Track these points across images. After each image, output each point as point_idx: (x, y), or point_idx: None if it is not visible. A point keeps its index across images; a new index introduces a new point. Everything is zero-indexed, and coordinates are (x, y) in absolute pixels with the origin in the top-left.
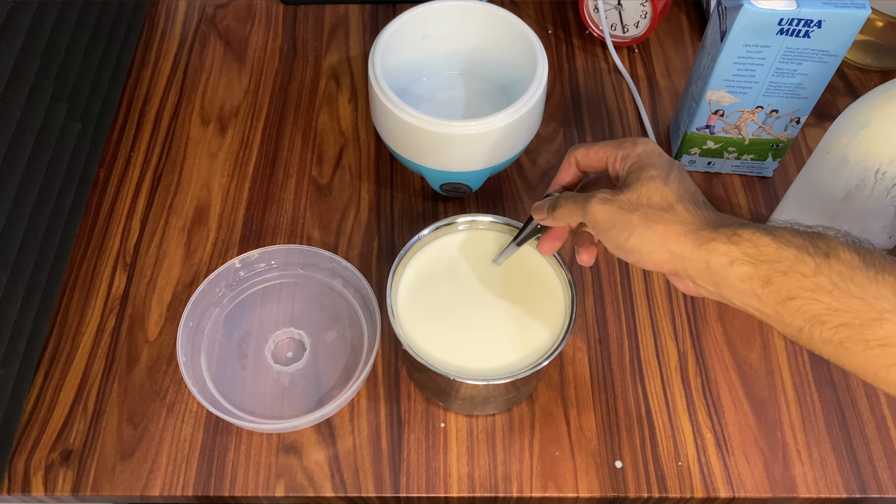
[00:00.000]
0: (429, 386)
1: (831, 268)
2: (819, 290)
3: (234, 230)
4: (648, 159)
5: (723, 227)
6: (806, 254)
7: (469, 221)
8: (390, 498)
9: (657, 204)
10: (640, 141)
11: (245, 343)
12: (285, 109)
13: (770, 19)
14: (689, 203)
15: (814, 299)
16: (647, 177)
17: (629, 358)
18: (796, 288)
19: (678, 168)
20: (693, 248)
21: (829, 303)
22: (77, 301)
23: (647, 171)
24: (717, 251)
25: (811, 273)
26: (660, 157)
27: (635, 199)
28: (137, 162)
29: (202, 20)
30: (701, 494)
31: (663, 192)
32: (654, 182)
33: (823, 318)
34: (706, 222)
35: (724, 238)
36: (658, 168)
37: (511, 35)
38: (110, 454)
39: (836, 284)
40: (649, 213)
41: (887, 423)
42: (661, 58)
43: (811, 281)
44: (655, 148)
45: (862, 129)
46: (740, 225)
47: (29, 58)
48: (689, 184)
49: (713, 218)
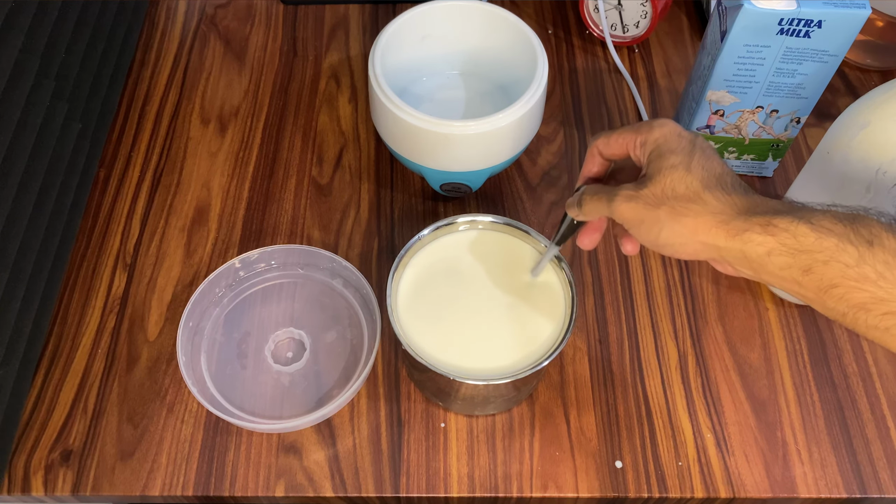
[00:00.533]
0: (429, 386)
1: (875, 256)
2: (863, 280)
3: (234, 230)
4: (667, 144)
5: (756, 214)
6: (847, 242)
7: (469, 221)
8: (390, 498)
9: (683, 195)
10: (656, 123)
11: (245, 343)
12: (285, 109)
13: (770, 19)
14: (716, 189)
15: (857, 288)
16: (669, 166)
17: (629, 358)
18: (839, 277)
19: (700, 147)
20: (726, 238)
21: (875, 292)
22: (77, 301)
23: (667, 158)
24: (752, 241)
25: (854, 263)
26: (679, 138)
27: (660, 193)
28: (137, 162)
29: (202, 20)
30: (701, 494)
31: (687, 181)
32: (677, 171)
33: (869, 307)
34: (738, 209)
35: (758, 228)
36: (678, 153)
37: (511, 35)
38: (110, 454)
39: (880, 274)
40: (676, 206)
41: (887, 423)
42: (661, 58)
43: (854, 271)
44: (674, 128)
45: (862, 129)
46: (775, 212)
47: (29, 58)
48: (714, 164)
49: (744, 203)
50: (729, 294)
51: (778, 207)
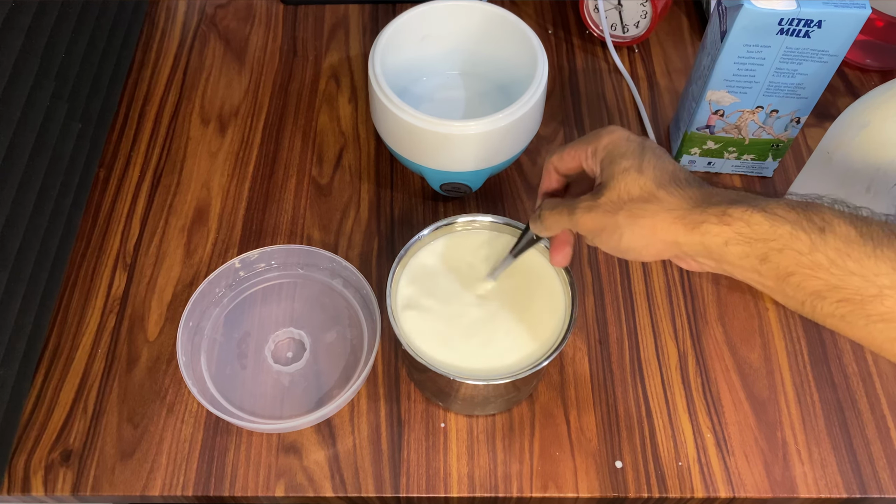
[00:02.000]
0: (429, 386)
1: (827, 244)
2: (817, 267)
3: (234, 230)
4: (617, 149)
5: (711, 205)
6: (800, 230)
7: (469, 221)
8: (390, 498)
9: (638, 196)
10: (605, 131)
11: (245, 343)
12: (285, 109)
13: (770, 19)
14: (670, 185)
15: (812, 276)
16: (621, 170)
17: (629, 358)
18: (794, 265)
19: (650, 148)
20: (685, 232)
21: (828, 279)
22: (77, 301)
23: (618, 163)
24: (709, 233)
25: (807, 250)
26: (628, 142)
27: (615, 198)
28: (137, 162)
29: (202, 20)
30: (701, 494)
31: (640, 182)
32: (629, 174)
33: (824, 294)
34: (693, 202)
35: (714, 219)
36: (629, 157)
37: (511, 35)
38: (110, 454)
39: (832, 261)
40: (633, 208)
41: (887, 423)
42: (661, 58)
43: (808, 258)
44: (622, 133)
45: (862, 129)
46: (730, 202)
47: (29, 58)
48: (665, 163)
49: (700, 195)
50: (729, 294)
51: (733, 197)
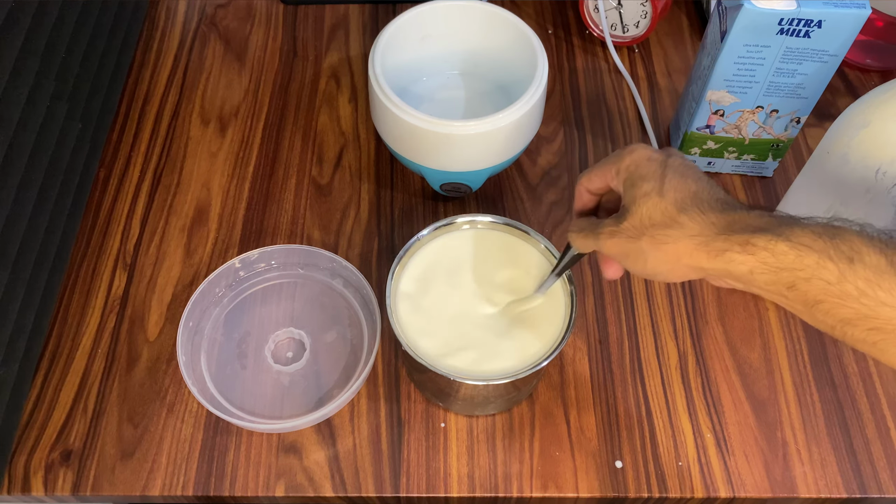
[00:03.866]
0: (429, 386)
1: (856, 274)
2: (846, 297)
3: (234, 230)
4: (638, 171)
5: (734, 232)
6: (827, 259)
7: (469, 221)
8: (390, 498)
9: (660, 222)
10: (626, 151)
11: (245, 343)
12: (285, 109)
13: (770, 19)
14: (692, 209)
15: (842, 304)
16: (642, 194)
17: (629, 358)
18: (822, 294)
19: (671, 168)
20: (708, 260)
21: (858, 309)
22: (77, 301)
23: (639, 186)
24: (733, 261)
25: (835, 280)
26: (649, 162)
27: (638, 223)
28: (137, 162)
29: (202, 20)
30: (701, 494)
31: (662, 206)
32: (651, 198)
33: (855, 322)
34: (716, 229)
35: (738, 248)
36: (649, 179)
37: (511, 35)
38: (110, 454)
39: (862, 292)
40: (656, 234)
41: (887, 423)
42: (661, 58)
43: (836, 288)
44: (643, 153)
45: (862, 129)
46: (754, 230)
47: (29, 58)
48: (688, 183)
49: (722, 221)
50: (729, 294)
51: (757, 224)
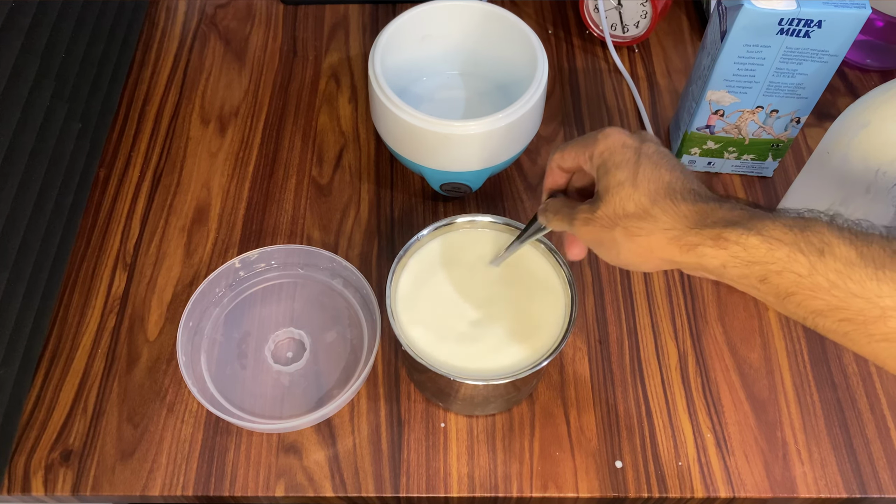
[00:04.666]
0: (429, 386)
1: (827, 266)
2: (817, 289)
3: (234, 230)
4: (612, 158)
5: (706, 226)
6: (798, 252)
7: (469, 221)
8: (390, 498)
9: (633, 213)
10: (601, 135)
11: (245, 343)
12: (285, 109)
13: (770, 19)
14: (664, 201)
15: (813, 296)
16: (616, 183)
17: (629, 358)
18: (793, 286)
19: (646, 156)
20: (681, 254)
21: (829, 300)
22: (77, 301)
23: (613, 174)
24: (705, 256)
25: (806, 273)
26: (623, 149)
27: (611, 213)
28: (137, 162)
29: (202, 20)
30: (701, 494)
31: (635, 197)
32: (624, 188)
33: (826, 314)
34: (688, 222)
35: (710, 242)
36: (623, 167)
37: (511, 35)
38: (110, 454)
39: (833, 283)
40: (629, 226)
41: (887, 423)
42: (661, 58)
43: (807, 280)
44: (618, 138)
45: (862, 129)
46: (725, 223)
47: (29, 58)
48: (661, 172)
49: (694, 214)
50: (729, 294)
51: (728, 217)
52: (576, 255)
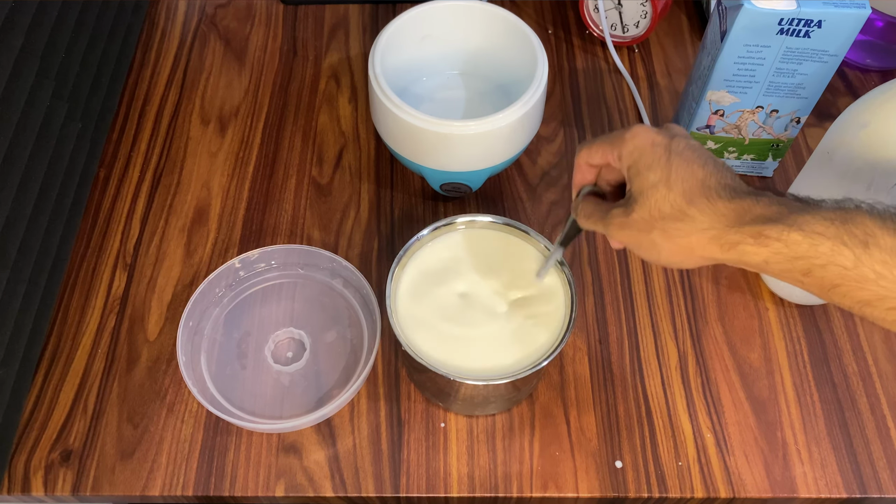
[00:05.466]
0: (429, 386)
1: (872, 257)
2: (864, 280)
3: (234, 230)
4: (643, 158)
5: (745, 223)
6: (842, 245)
7: (469, 221)
8: (390, 498)
9: (669, 214)
10: (628, 135)
11: (245, 343)
12: (285, 109)
13: (770, 19)
14: (700, 200)
15: (859, 288)
16: (650, 185)
17: (629, 358)
18: (838, 279)
19: (677, 153)
20: (721, 252)
21: (876, 291)
22: (77, 301)
23: (646, 176)
24: (747, 253)
25: (851, 265)
26: (653, 148)
27: (647, 216)
28: (137, 162)
29: (202, 20)
30: (701, 494)
31: (670, 198)
32: (658, 190)
33: (874, 304)
34: (726, 221)
35: (750, 240)
36: (656, 168)
37: (511, 35)
38: (110, 454)
39: (879, 274)
40: (667, 227)
41: (887, 423)
42: (661, 58)
43: (853, 272)
44: (646, 138)
45: (862, 129)
46: (765, 220)
47: (29, 58)
48: (694, 169)
49: (732, 211)
50: (729, 294)
51: (767, 213)
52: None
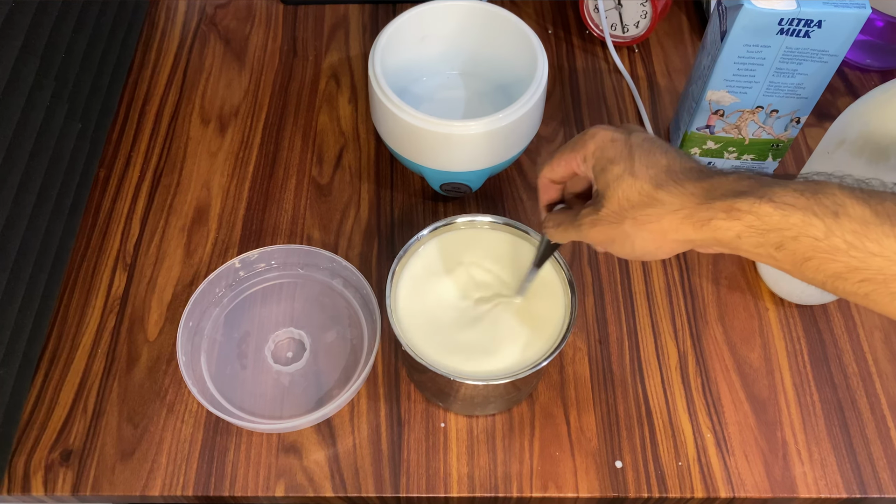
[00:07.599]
0: (429, 386)
1: (843, 227)
2: (834, 251)
3: (234, 230)
4: (605, 154)
5: (716, 199)
6: (812, 216)
7: (468, 221)
8: (390, 498)
9: (638, 202)
10: (588, 136)
11: (245, 343)
12: (285, 109)
13: (770, 19)
14: (668, 184)
15: (831, 259)
16: (615, 177)
17: (629, 358)
18: (810, 251)
19: (637, 145)
20: (694, 231)
21: (848, 262)
22: (77, 301)
23: (609, 169)
24: (720, 229)
25: (823, 236)
26: (613, 143)
27: (617, 208)
28: (137, 162)
29: (202, 20)
30: (701, 494)
31: (637, 186)
32: (624, 180)
33: (845, 276)
34: (697, 198)
35: (722, 214)
36: (618, 161)
37: (511, 35)
38: (110, 454)
39: (851, 244)
40: (637, 215)
41: (887, 423)
42: (661, 58)
43: (824, 243)
44: (605, 135)
45: (862, 129)
46: (735, 194)
47: (29, 58)
48: (657, 158)
49: (701, 189)
50: (729, 294)
51: (737, 187)
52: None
